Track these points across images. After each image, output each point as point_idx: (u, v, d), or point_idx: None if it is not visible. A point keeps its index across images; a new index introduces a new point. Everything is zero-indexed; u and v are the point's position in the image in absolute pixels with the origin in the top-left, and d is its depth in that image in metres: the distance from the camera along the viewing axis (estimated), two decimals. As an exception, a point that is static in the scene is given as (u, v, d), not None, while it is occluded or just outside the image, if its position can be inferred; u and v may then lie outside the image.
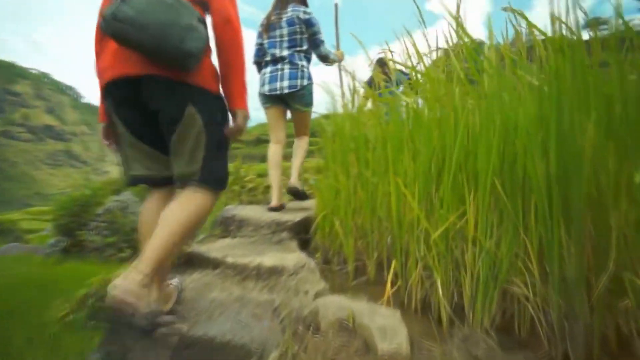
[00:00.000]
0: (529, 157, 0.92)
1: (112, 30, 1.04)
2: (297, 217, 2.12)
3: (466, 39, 1.28)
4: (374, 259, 1.45)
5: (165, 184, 1.28)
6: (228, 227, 2.20)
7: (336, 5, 2.80)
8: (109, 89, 1.18)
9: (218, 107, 1.27)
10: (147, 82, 1.13)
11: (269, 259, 1.61)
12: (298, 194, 2.52)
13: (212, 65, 1.27)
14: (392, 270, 1.18)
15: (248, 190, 5.70)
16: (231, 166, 3.54)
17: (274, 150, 2.46)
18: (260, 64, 2.56)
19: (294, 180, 2.47)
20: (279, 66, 2.41)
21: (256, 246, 1.92)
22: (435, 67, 1.44)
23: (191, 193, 1.18)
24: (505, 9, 1.27)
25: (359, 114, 1.79)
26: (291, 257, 1.64)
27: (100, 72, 1.18)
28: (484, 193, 1.00)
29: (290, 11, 2.45)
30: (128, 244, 4.51)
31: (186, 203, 1.16)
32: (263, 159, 3.17)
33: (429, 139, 1.19)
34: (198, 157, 1.18)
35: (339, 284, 1.46)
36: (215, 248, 1.88)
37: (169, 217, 1.12)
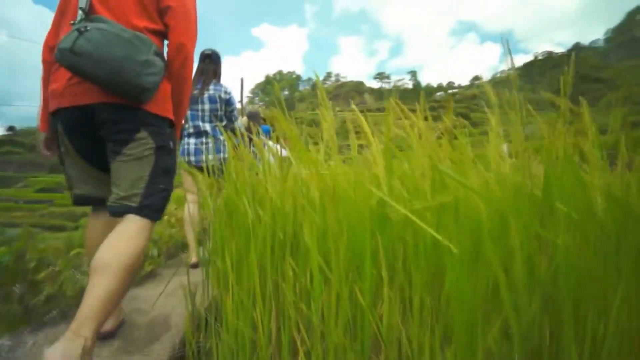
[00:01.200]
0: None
1: (68, 62, 1.04)
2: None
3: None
4: None
5: (104, 204, 1.21)
6: None
7: (242, 79, 3.20)
8: (59, 114, 1.16)
9: (171, 134, 1.28)
10: (99, 109, 1.12)
11: None
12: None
13: (168, 92, 1.26)
14: None
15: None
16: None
17: (193, 209, 2.52)
18: None
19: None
20: (203, 139, 2.64)
21: None
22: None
23: (128, 226, 1.10)
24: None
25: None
26: None
27: (52, 95, 1.15)
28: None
29: (212, 89, 2.69)
30: None
31: (125, 240, 1.05)
32: (53, 168, 2.43)
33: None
34: (140, 183, 1.14)
35: None
36: None
37: (107, 260, 0.99)
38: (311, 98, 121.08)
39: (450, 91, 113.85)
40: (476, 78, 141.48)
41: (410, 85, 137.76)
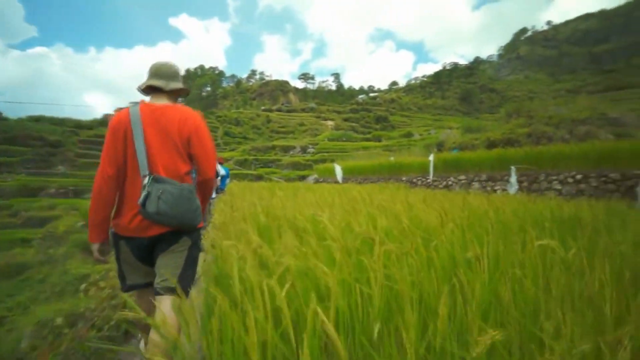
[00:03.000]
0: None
1: (152, 219, 1.66)
2: None
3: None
4: None
5: (150, 286, 1.77)
6: None
7: None
8: (130, 238, 1.76)
9: (200, 236, 1.92)
10: (161, 235, 1.75)
11: None
12: None
13: (200, 207, 1.84)
14: None
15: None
16: None
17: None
18: None
19: None
20: None
21: None
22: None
23: (173, 299, 1.62)
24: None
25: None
26: None
27: (121, 225, 1.75)
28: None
29: None
30: None
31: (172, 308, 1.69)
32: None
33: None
34: (178, 269, 1.73)
35: None
36: None
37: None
38: (235, 95, 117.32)
39: (371, 94, 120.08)
40: (394, 83, 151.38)
41: (333, 87, 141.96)
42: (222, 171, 7.24)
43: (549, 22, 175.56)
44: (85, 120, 50.12)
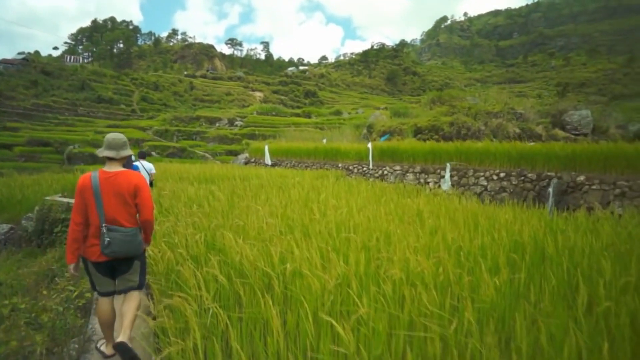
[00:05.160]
0: None
1: (110, 256, 2.51)
2: None
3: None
4: None
5: (113, 294, 2.69)
6: None
7: None
8: (97, 261, 2.56)
9: (145, 254, 2.88)
10: (117, 261, 2.60)
11: None
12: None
13: (141, 241, 2.72)
14: None
15: None
16: None
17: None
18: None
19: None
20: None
21: None
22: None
23: (134, 295, 2.66)
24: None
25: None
26: None
27: (92, 252, 2.55)
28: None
29: None
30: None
31: (134, 301, 2.62)
32: None
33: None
34: (136, 278, 2.69)
35: None
36: None
37: (128, 310, 2.56)
38: (153, 56, 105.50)
39: (300, 67, 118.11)
40: (324, 58, 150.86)
41: (262, 56, 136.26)
42: (146, 175, 6.61)
43: (465, 14, 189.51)
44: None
